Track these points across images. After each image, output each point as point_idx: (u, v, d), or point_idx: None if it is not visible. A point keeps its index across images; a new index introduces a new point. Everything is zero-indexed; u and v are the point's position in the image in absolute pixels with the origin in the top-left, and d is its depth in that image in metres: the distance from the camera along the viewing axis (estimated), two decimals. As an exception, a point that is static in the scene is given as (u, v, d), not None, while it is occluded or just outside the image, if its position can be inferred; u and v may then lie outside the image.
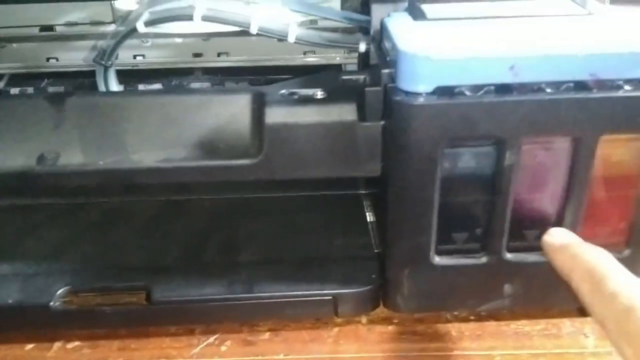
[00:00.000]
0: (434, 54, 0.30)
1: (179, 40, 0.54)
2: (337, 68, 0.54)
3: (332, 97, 0.35)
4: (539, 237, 0.35)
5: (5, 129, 0.35)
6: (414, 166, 0.32)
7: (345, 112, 0.34)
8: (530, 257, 0.35)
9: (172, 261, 0.39)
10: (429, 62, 0.30)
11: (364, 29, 0.41)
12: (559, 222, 0.34)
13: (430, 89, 0.31)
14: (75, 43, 0.56)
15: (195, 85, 0.56)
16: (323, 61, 0.52)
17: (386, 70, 0.33)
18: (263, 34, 0.40)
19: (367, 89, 0.33)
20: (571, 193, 0.33)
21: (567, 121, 0.31)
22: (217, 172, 0.35)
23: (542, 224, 0.35)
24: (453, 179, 0.33)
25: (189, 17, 0.39)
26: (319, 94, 0.35)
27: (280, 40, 0.41)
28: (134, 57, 0.54)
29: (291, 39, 0.41)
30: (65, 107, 0.35)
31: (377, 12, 0.39)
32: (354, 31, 0.44)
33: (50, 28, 0.57)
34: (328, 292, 0.37)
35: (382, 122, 0.34)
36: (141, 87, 0.54)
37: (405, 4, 0.39)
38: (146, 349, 0.37)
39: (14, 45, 0.57)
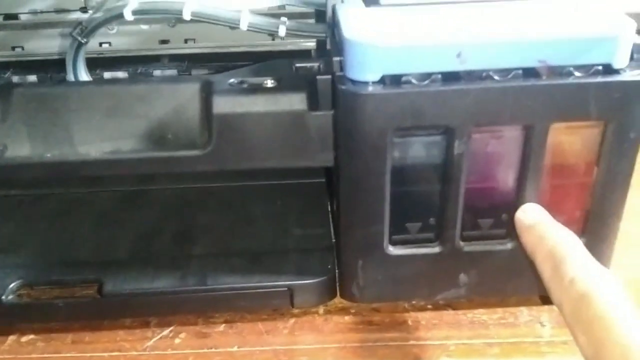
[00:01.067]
0: (379, 41, 0.29)
1: (145, 27, 0.53)
2: (307, 54, 0.54)
3: (283, 85, 0.34)
4: (492, 226, 0.35)
5: (-50, 121, 0.35)
6: (363, 156, 0.32)
7: (296, 101, 0.33)
8: (485, 246, 0.35)
9: (124, 254, 0.39)
10: (375, 50, 0.30)
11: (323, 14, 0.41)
12: (512, 211, 0.34)
13: (377, 77, 0.30)
14: (40, 31, 0.56)
15: (159, 72, 0.55)
16: (292, 47, 0.51)
17: (337, 58, 0.32)
18: (220, 23, 0.40)
19: (318, 77, 0.33)
20: (523, 181, 0.33)
21: (516, 109, 0.31)
22: (165, 163, 0.34)
23: (496, 212, 0.34)
24: (404, 168, 0.33)
25: (178, 13, 0.38)
26: (269, 82, 0.34)
27: (232, 28, 0.40)
28: (100, 44, 0.53)
29: (243, 26, 0.40)
30: (12, 98, 0.35)
31: (333, -2, 0.38)
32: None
33: (14, 16, 0.56)
34: (283, 283, 0.36)
35: (333, 112, 0.33)
36: (107, 75, 0.54)
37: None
38: (99, 342, 0.36)
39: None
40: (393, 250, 0.35)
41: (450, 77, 0.30)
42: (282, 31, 0.41)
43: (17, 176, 0.34)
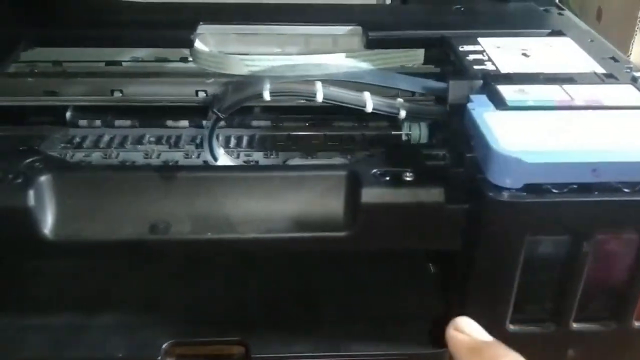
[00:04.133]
0: (525, 156, 0.33)
1: (238, 78, 0.56)
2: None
3: (420, 179, 0.38)
4: (601, 309, 0.39)
5: (118, 199, 0.38)
6: (499, 251, 0.36)
7: (434, 195, 0.37)
8: (593, 327, 0.39)
9: (259, 314, 0.43)
10: (520, 164, 0.33)
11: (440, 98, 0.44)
12: (622, 297, 0.38)
13: (519, 185, 0.34)
14: (139, 79, 0.59)
15: (255, 123, 0.58)
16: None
17: (470, 155, 0.37)
18: (347, 105, 0.43)
19: (452, 170, 0.37)
20: (635, 274, 0.37)
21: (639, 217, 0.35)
22: (313, 242, 0.38)
23: (605, 298, 0.39)
24: (532, 260, 0.37)
25: (312, 96, 0.42)
26: (408, 175, 0.38)
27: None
28: (196, 93, 0.56)
29: (368, 109, 0.44)
30: (174, 180, 0.38)
31: (454, 87, 0.42)
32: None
33: (116, 63, 0.60)
34: (405, 352, 0.40)
35: (467, 206, 0.37)
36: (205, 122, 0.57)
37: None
38: (242, 399, 0.40)
39: (80, 77, 0.59)
40: (513, 328, 0.39)
41: (584, 187, 0.34)
42: (402, 114, 0.44)
43: (178, 252, 0.38)
